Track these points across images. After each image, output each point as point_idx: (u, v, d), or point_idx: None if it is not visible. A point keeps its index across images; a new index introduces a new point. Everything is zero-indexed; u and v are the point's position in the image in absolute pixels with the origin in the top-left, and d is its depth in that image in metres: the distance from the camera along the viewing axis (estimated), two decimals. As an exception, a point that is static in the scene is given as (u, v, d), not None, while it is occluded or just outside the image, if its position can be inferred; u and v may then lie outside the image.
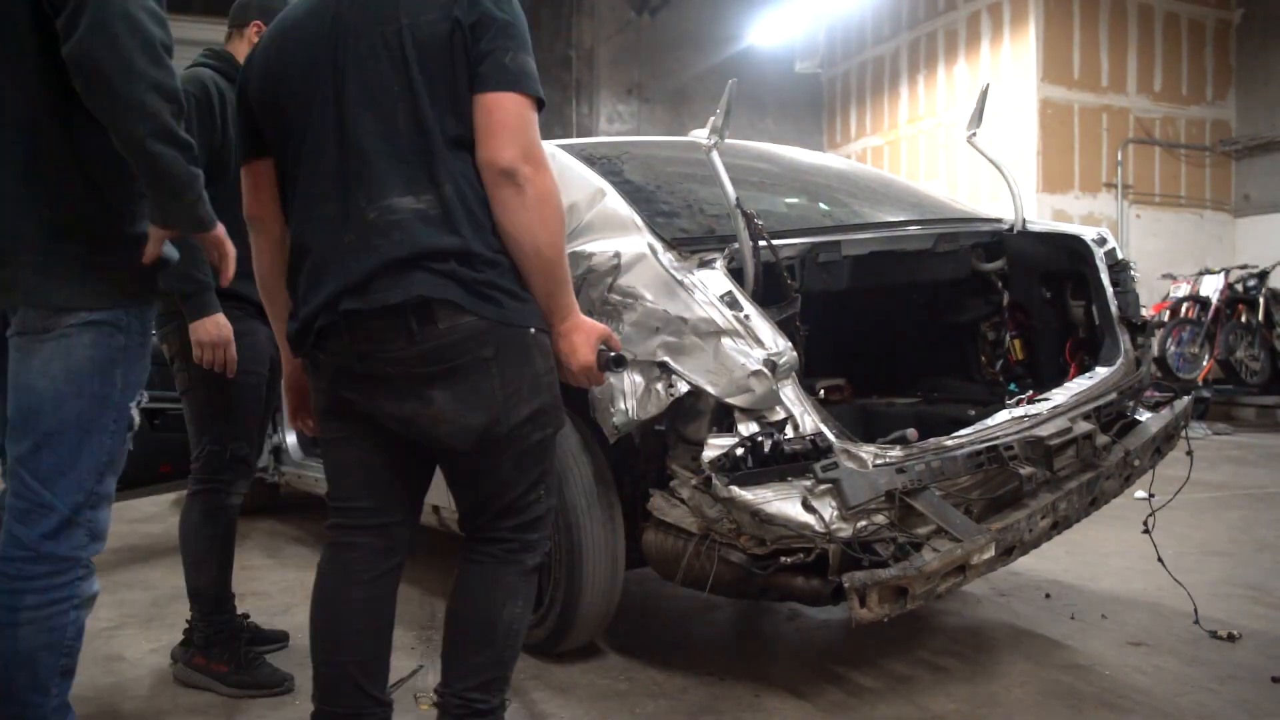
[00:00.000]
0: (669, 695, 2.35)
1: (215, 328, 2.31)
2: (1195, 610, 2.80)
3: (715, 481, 2.07)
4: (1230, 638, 2.71)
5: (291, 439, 4.14)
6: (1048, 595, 3.16)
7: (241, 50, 2.52)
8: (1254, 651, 2.63)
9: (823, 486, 2.09)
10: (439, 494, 2.99)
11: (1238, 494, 5.17)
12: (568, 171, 2.79)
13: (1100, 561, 3.55)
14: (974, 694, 2.34)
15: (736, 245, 2.28)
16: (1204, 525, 4.24)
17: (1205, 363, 8.47)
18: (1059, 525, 2.42)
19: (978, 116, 3.17)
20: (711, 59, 12.63)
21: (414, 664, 2.56)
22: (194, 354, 2.33)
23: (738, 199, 2.29)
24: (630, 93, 13.69)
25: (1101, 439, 2.57)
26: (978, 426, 2.45)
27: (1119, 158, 10.04)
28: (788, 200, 3.10)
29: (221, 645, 2.43)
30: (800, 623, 2.95)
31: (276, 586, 3.36)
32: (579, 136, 13.14)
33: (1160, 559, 2.87)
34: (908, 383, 3.43)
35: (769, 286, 2.31)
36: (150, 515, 4.58)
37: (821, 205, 2.94)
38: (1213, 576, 3.35)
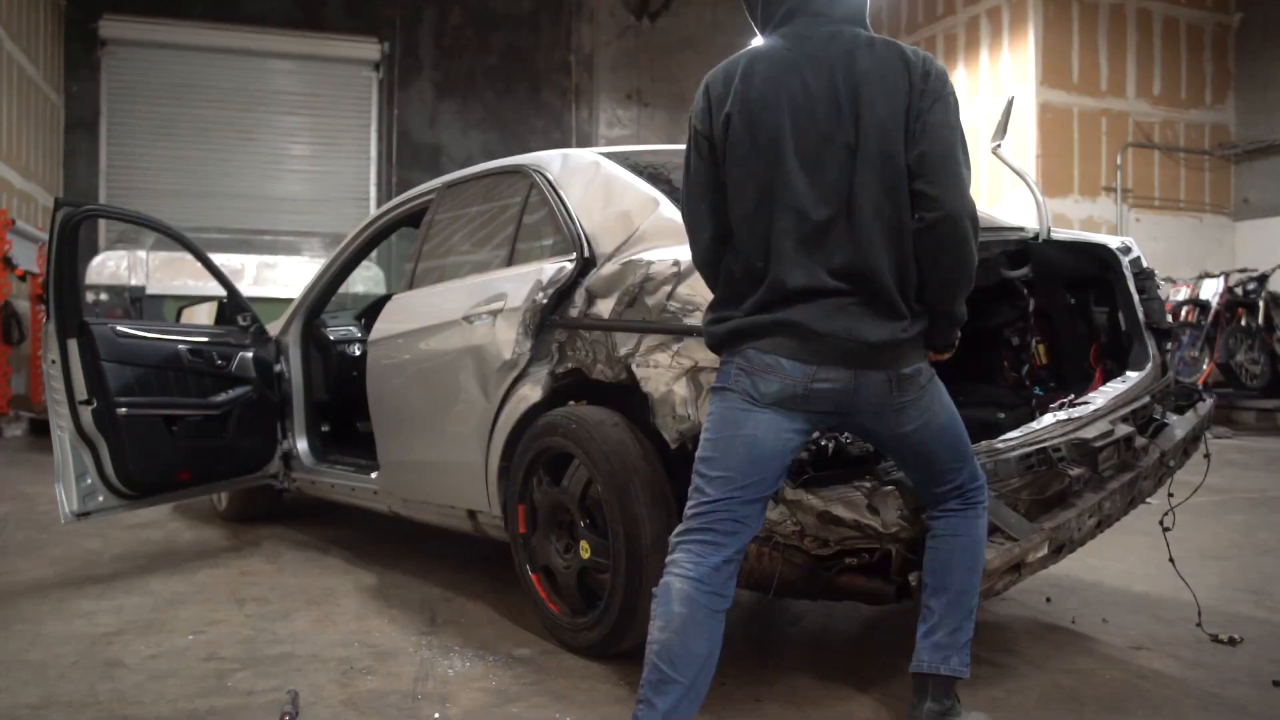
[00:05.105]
0: (669, 700, 2.34)
1: None
2: (1199, 613, 2.80)
3: (782, 484, 2.09)
4: (1231, 641, 2.71)
5: (303, 445, 4.11)
6: (1049, 599, 3.16)
7: None
8: (1255, 655, 2.63)
9: (885, 488, 2.13)
10: (478, 499, 2.99)
11: (1238, 498, 5.17)
12: (616, 181, 2.85)
13: (1101, 565, 3.55)
14: (975, 698, 2.33)
15: None
16: (1205, 529, 4.24)
17: (1205, 366, 8.48)
18: (1102, 524, 2.49)
19: (1002, 128, 3.21)
20: (712, 64, 12.63)
21: (415, 665, 2.56)
22: None
23: None
24: (630, 98, 13.70)
25: (1140, 441, 2.64)
26: (1025, 430, 2.49)
27: (1118, 161, 10.06)
28: None
29: None
30: (801, 628, 2.95)
31: (275, 592, 3.35)
32: (578, 143, 13.15)
33: (1171, 559, 2.87)
34: None
35: None
36: (151, 521, 4.57)
37: None
38: (1214, 580, 3.35)
